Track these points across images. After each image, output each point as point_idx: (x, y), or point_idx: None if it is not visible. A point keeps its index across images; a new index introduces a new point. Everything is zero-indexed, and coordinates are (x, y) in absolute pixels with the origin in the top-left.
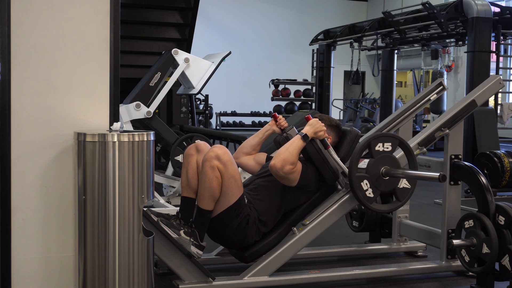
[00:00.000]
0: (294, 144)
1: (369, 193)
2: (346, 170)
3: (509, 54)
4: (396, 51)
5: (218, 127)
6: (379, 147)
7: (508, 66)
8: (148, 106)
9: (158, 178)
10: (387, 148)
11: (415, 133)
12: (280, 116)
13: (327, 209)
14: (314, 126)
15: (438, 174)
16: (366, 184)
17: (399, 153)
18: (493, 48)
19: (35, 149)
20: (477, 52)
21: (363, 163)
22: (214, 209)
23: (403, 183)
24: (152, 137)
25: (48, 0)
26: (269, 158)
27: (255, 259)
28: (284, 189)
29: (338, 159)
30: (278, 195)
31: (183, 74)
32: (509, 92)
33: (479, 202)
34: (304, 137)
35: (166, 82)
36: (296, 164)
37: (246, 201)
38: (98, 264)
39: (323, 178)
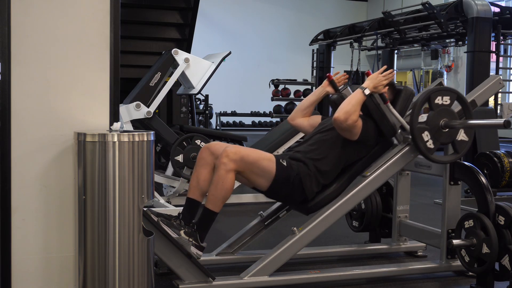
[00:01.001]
0: (356, 98)
1: (430, 144)
2: (405, 124)
3: (509, 54)
4: (396, 51)
5: (218, 127)
6: (438, 100)
7: (508, 66)
8: (148, 106)
9: (158, 178)
10: (446, 101)
11: None
12: (336, 75)
13: (386, 162)
14: (374, 80)
15: (503, 120)
16: (427, 135)
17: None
18: (493, 48)
19: (35, 149)
20: (477, 52)
21: (420, 118)
22: (260, 187)
23: (461, 136)
24: (152, 137)
25: (48, 0)
26: (323, 119)
27: (318, 209)
28: (344, 142)
29: (396, 113)
30: (338, 148)
31: (183, 74)
32: (509, 92)
33: (479, 202)
34: (365, 90)
35: (166, 82)
36: (358, 117)
37: (285, 163)
38: (98, 264)
39: (382, 133)
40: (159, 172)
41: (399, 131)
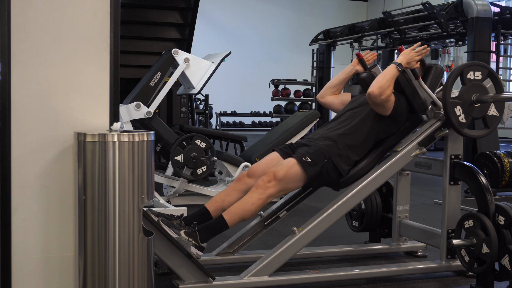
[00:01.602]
0: (390, 73)
1: (462, 119)
2: (437, 99)
3: (509, 54)
4: (396, 51)
5: (218, 127)
6: (470, 75)
7: (508, 66)
8: (148, 106)
9: (158, 178)
10: (478, 76)
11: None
12: (366, 52)
13: (418, 137)
14: (407, 55)
15: None
16: (459, 109)
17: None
18: (493, 48)
19: (35, 149)
20: (477, 52)
21: (452, 93)
22: (296, 188)
23: (492, 111)
24: (152, 137)
25: (48, 0)
26: (353, 97)
27: (349, 184)
28: (376, 118)
29: (428, 89)
30: (370, 123)
31: (183, 74)
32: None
33: (479, 202)
34: (399, 65)
35: (166, 82)
36: (392, 92)
37: (309, 158)
38: (98, 264)
39: (413, 109)
40: (159, 172)
41: (430, 107)
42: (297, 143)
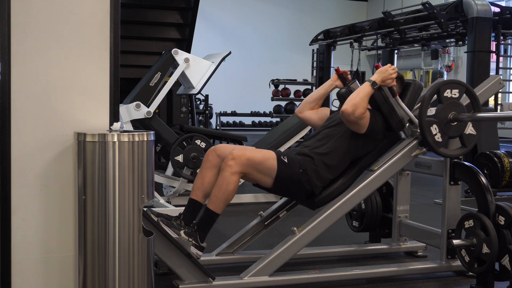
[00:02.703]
0: (364, 91)
1: (438, 138)
2: (414, 117)
3: (509, 54)
4: (396, 51)
5: (218, 127)
6: (447, 93)
7: (508, 66)
8: (148, 106)
9: (158, 178)
10: (455, 94)
11: None
12: (344, 69)
13: (394, 155)
14: (382, 73)
15: None
16: (435, 128)
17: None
18: (493, 48)
19: (35, 149)
20: (477, 52)
21: (429, 111)
22: (265, 184)
23: (469, 129)
24: (152, 137)
25: (48, 0)
26: (332, 112)
27: (324, 203)
28: (352, 136)
29: (405, 107)
30: (346, 142)
31: (183, 74)
32: (509, 92)
33: (479, 202)
34: (373, 83)
35: (166, 82)
36: (366, 110)
37: (286, 159)
38: (98, 264)
39: (390, 127)
40: (159, 172)
41: (407, 124)
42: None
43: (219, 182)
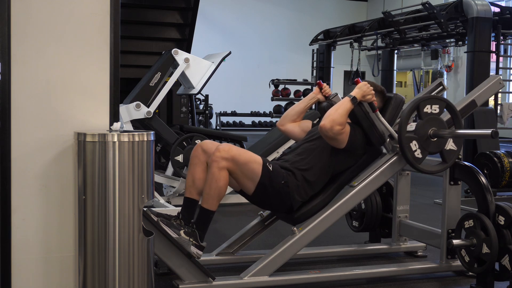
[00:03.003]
0: (343, 106)
1: (418, 154)
2: (394, 133)
3: (509, 54)
4: (396, 51)
5: (218, 127)
6: (427, 109)
7: (508, 66)
8: (148, 106)
9: (158, 178)
10: (435, 110)
11: None
12: (325, 84)
13: (375, 171)
14: (362, 89)
15: (491, 130)
16: (415, 145)
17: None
18: (493, 48)
19: (35, 149)
20: (477, 52)
21: (410, 126)
22: (246, 190)
23: (450, 145)
24: (152, 137)
25: (48, 0)
26: (314, 125)
27: (304, 219)
28: (332, 151)
29: (385, 122)
30: (326, 157)
31: (183, 74)
32: (509, 92)
33: (479, 202)
34: (353, 99)
35: (166, 82)
36: (345, 125)
37: (271, 168)
38: (98, 264)
39: (370, 142)
40: (159, 172)
41: (388, 140)
42: None
43: (208, 179)
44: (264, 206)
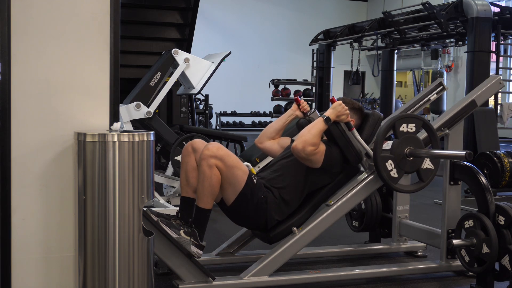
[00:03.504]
0: (316, 126)
1: (394, 173)
2: (370, 151)
3: (509, 54)
4: (396, 51)
5: (218, 127)
6: (403, 128)
7: (508, 66)
8: (148, 106)
9: (158, 178)
10: (411, 129)
11: None
12: (303, 100)
13: (351, 190)
14: (336, 109)
15: (465, 152)
16: (391, 164)
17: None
18: (493, 48)
19: (35, 149)
20: (477, 52)
21: (387, 145)
22: (226, 199)
23: (427, 164)
24: (152, 137)
25: (48, 0)
26: (293, 141)
27: (279, 239)
28: (308, 170)
29: (362, 140)
30: (302, 175)
31: (183, 74)
32: (509, 92)
33: (479, 202)
34: (327, 119)
35: (166, 82)
36: (318, 146)
37: (255, 180)
38: (98, 264)
39: (347, 160)
40: (159, 172)
41: (365, 158)
42: None
43: (200, 178)
44: (240, 220)
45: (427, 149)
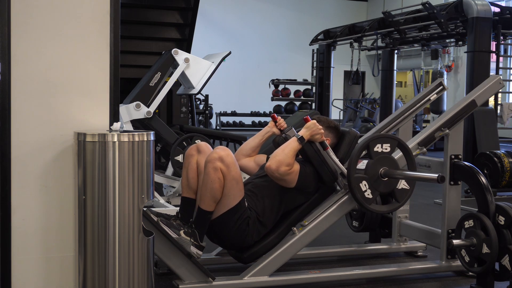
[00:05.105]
0: (290, 146)
1: (368, 194)
2: (345, 171)
3: (509, 54)
4: (396, 51)
5: (218, 127)
6: (377, 148)
7: (508, 66)
8: (148, 106)
9: (158, 178)
10: (386, 149)
11: (415, 133)
12: (279, 117)
13: (326, 210)
14: (311, 129)
15: (437, 175)
16: (365, 185)
17: (398, 154)
18: (493, 48)
19: (35, 149)
20: (477, 52)
21: (362, 164)
22: (214, 210)
23: (402, 184)
24: (152, 137)
25: (48, 1)
26: (268, 159)
27: (253, 260)
28: (283, 189)
29: (337, 160)
30: (276, 195)
31: (183, 74)
32: (509, 92)
33: (479, 202)
34: (300, 139)
35: (166, 82)
36: (292, 166)
37: (246, 204)
38: (98, 264)
39: (322, 179)
40: (159, 172)
41: (340, 178)
42: None
43: (204, 180)
44: (219, 237)
45: (402, 170)
